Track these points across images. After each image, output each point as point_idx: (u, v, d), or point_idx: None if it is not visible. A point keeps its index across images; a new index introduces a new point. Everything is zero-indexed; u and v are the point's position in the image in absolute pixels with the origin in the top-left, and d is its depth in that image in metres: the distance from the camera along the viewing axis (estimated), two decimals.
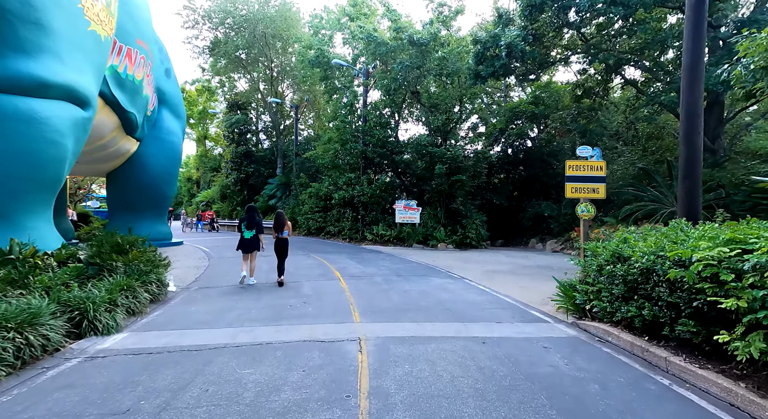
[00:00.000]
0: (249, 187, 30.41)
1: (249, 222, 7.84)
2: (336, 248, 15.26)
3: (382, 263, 11.21)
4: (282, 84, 31.29)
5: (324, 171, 21.32)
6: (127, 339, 4.50)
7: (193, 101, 39.31)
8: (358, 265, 10.73)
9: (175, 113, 15.80)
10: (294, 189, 24.55)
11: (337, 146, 19.34)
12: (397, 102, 18.36)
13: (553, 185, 18.90)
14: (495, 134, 19.87)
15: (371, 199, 17.59)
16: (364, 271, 9.69)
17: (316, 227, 20.71)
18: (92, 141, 11.61)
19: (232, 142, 29.17)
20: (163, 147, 14.77)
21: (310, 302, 6.36)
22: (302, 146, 26.88)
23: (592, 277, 5.28)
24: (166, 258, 7.27)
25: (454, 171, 16.60)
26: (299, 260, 11.33)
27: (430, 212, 17.23)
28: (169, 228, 16.19)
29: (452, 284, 8.21)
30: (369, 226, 17.85)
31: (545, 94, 19.26)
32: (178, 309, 5.84)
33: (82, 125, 7.62)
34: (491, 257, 13.43)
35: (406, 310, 6.00)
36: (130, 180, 14.18)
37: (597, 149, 6.36)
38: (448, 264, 11.28)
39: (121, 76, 11.03)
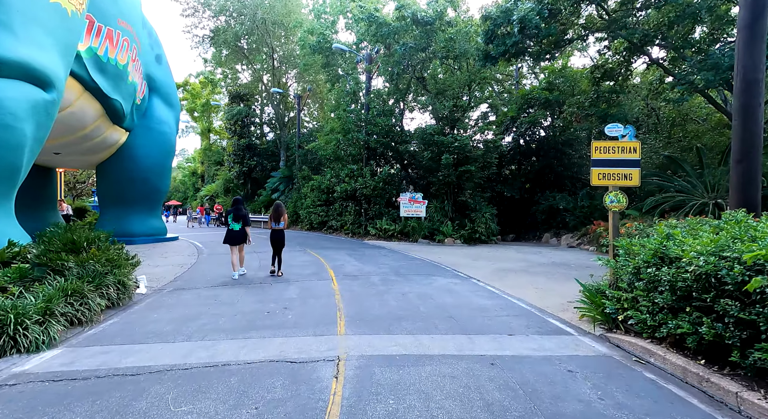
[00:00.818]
0: (252, 180, 29.78)
1: (236, 215, 7.80)
2: (336, 244, 14.43)
3: (382, 261, 10.34)
4: (286, 75, 30.42)
5: (326, 163, 20.47)
6: (57, 358, 3.71)
7: (196, 94, 38.76)
8: (356, 262, 9.87)
9: (168, 101, 15.05)
10: (297, 182, 23.79)
11: (339, 136, 18.43)
12: (402, 89, 17.34)
13: (568, 176, 17.77)
14: (506, 123, 18.73)
15: (374, 192, 16.70)
16: (362, 269, 8.82)
17: (318, 221, 19.92)
18: (74, 130, 10.95)
19: (234, 134, 28.47)
20: (154, 138, 14.04)
21: (292, 308, 5.52)
22: (305, 137, 26.05)
23: (627, 281, 4.32)
24: (134, 256, 6.49)
25: (462, 162, 15.59)
26: (294, 257, 10.53)
27: (437, 206, 16.27)
28: (163, 223, 15.54)
29: (458, 286, 7.29)
30: (372, 220, 16.98)
31: (560, 80, 18.04)
32: (137, 317, 5.05)
33: (44, 108, 6.85)
34: (502, 253, 12.45)
35: (402, 318, 5.11)
36: (120, 173, 13.50)
37: (630, 127, 5.33)
38: (455, 261, 10.36)
39: (101, 59, 10.25)
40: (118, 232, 13.90)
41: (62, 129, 10.53)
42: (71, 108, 9.97)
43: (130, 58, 11.64)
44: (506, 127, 18.77)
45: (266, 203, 26.24)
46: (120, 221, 13.79)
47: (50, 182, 14.37)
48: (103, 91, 10.51)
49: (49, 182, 14.33)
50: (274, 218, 8.10)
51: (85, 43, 9.63)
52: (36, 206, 13.58)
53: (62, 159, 12.96)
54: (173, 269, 8.75)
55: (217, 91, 38.30)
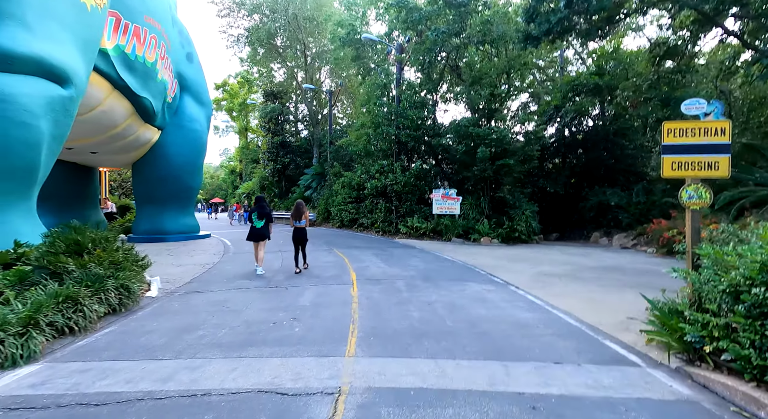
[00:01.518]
0: (286, 178, 29.99)
1: (259, 212, 7.99)
2: (364, 243, 13.84)
3: (410, 262, 9.59)
4: (319, 72, 30.30)
5: (357, 159, 19.95)
6: (30, 376, 3.32)
7: (234, 93, 39.75)
8: (382, 264, 9.19)
9: (199, 99, 15.12)
10: (328, 179, 23.52)
11: (370, 131, 17.81)
12: (434, 79, 16.37)
13: (620, 170, 16.04)
14: (549, 113, 17.24)
15: (405, 188, 15.94)
16: (386, 272, 8.13)
17: (348, 219, 19.47)
18: (106, 129, 11.08)
19: (268, 132, 28.74)
20: (186, 136, 14.12)
21: (302, 318, 4.93)
22: (337, 134, 25.74)
23: (718, 302, 3.30)
24: (144, 258, 6.19)
25: (499, 155, 14.43)
26: (318, 257, 10.03)
27: (472, 202, 15.23)
28: (196, 221, 15.69)
29: (493, 293, 6.40)
30: (403, 218, 16.24)
31: (612, 63, 16.27)
32: (135, 326, 4.67)
33: (61, 104, 6.73)
34: (545, 254, 11.27)
35: (424, 335, 4.37)
36: (153, 171, 13.70)
37: (716, 102, 4.21)
38: (491, 264, 9.40)
39: (129, 57, 10.25)
40: (152, 229, 14.24)
41: (94, 128, 10.70)
42: (101, 107, 10.04)
43: (158, 56, 11.63)
44: (549, 117, 17.27)
45: None
46: (154, 218, 14.05)
47: (91, 181, 14.90)
48: (132, 90, 10.52)
49: (91, 180, 14.86)
50: (295, 217, 8.22)
51: (112, 40, 9.62)
52: (78, 204, 14.10)
53: (99, 158, 13.32)
54: (194, 269, 8.51)
55: (253, 90, 39.06)
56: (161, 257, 10.08)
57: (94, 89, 9.47)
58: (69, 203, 13.73)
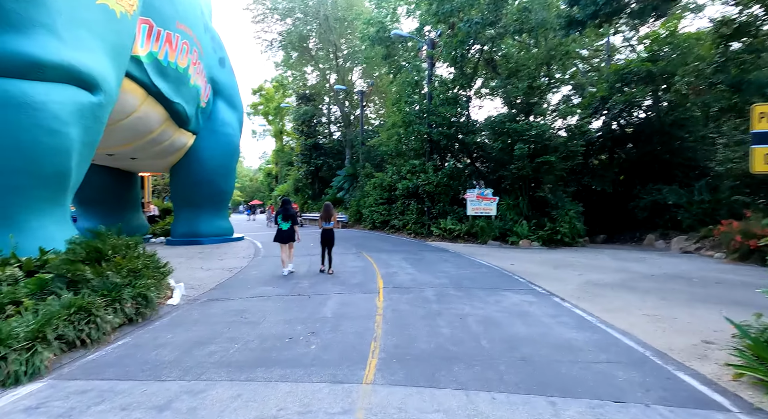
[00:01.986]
0: (319, 180, 30.16)
1: (284, 214, 8.17)
2: (395, 246, 13.37)
3: (442, 268, 9.00)
4: (350, 73, 30.24)
5: (388, 159, 19.54)
6: (29, 397, 3.14)
7: (270, 97, 40.70)
8: (411, 270, 8.67)
9: (231, 104, 15.31)
10: (360, 180, 23.28)
11: (401, 130, 17.34)
12: (467, 74, 15.60)
13: (678, 165, 14.49)
14: (594, 105, 15.92)
15: (438, 188, 15.30)
16: (416, 279, 7.61)
17: (380, 220, 19.08)
18: (143, 135, 11.35)
19: (301, 134, 29.03)
20: (219, 140, 14.32)
21: (320, 333, 4.54)
22: (369, 134, 25.48)
23: None
24: (165, 265, 6.06)
25: (539, 152, 13.46)
26: (345, 261, 9.69)
27: (510, 203, 14.33)
28: (230, 223, 15.91)
29: (534, 306, 5.71)
30: (435, 219, 15.61)
31: (667, 48, 14.73)
32: (149, 338, 4.47)
33: (91, 111, 6.80)
34: (592, 259, 10.27)
35: (455, 357, 3.82)
36: (188, 175, 13.99)
37: None
38: (531, 270, 8.62)
39: (162, 63, 10.41)
40: (188, 232, 14.56)
41: (132, 134, 10.98)
42: (137, 113, 10.27)
43: (190, 62, 11.80)
44: (594, 109, 15.95)
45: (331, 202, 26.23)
46: (190, 221, 14.35)
47: (133, 186, 15.50)
48: (165, 95, 10.69)
49: (133, 185, 15.46)
50: (324, 218, 8.35)
51: (145, 48, 9.79)
52: (121, 208, 14.68)
53: (139, 163, 13.78)
54: (221, 274, 8.42)
55: (287, 94, 39.79)
56: (193, 260, 10.16)
57: (129, 96, 9.68)
58: (113, 207, 14.34)
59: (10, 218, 5.85)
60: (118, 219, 14.42)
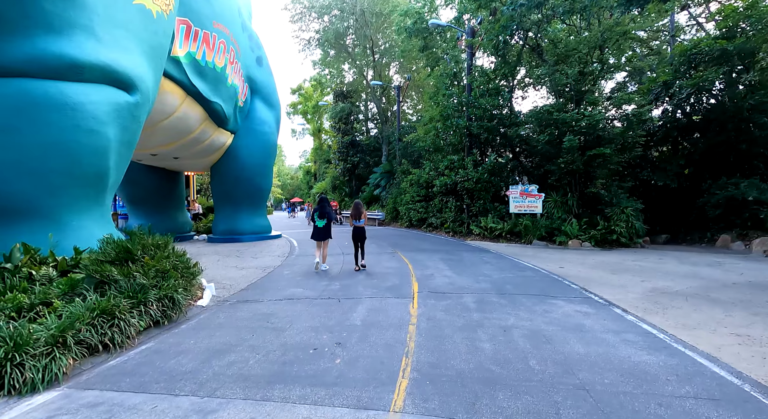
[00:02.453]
0: (356, 177, 30.09)
1: (320, 212, 8.31)
2: (432, 245, 12.80)
3: (483, 270, 8.35)
4: (388, 69, 29.83)
5: (425, 155, 18.93)
6: (39, 409, 2.99)
7: (308, 96, 41.25)
8: (449, 272, 8.11)
9: (268, 102, 15.41)
10: (397, 177, 22.85)
11: (438, 124, 16.67)
12: (510, 61, 14.61)
13: (759, 155, 12.71)
14: (655, 91, 14.35)
15: (478, 184, 14.51)
16: (454, 283, 7.05)
17: (417, 218, 18.55)
18: (183, 134, 11.60)
19: (338, 132, 29.06)
20: (256, 138, 14.46)
21: (347, 344, 4.15)
22: (405, 130, 24.95)
23: None
24: (195, 265, 5.96)
25: (591, 144, 12.31)
26: (379, 262, 9.30)
27: (557, 199, 13.27)
28: (268, 221, 16.08)
29: (592, 319, 4.98)
30: (475, 217, 14.83)
31: (747, 22, 12.89)
32: (173, 342, 4.31)
33: (128, 111, 6.87)
34: (655, 263, 9.14)
35: (498, 382, 3.28)
36: (227, 174, 14.25)
37: None
38: (584, 275, 7.76)
39: (200, 63, 10.53)
40: (228, 230, 14.86)
41: (172, 134, 11.25)
42: (177, 113, 10.47)
43: (227, 61, 11.90)
44: (655, 96, 14.36)
45: (368, 199, 26.04)
46: (230, 219, 14.64)
47: (178, 185, 16.06)
48: (203, 95, 10.83)
49: (177, 184, 16.02)
50: (354, 216, 8.46)
51: (183, 48, 9.92)
52: (166, 206, 15.26)
53: (181, 163, 14.20)
54: (254, 273, 8.32)
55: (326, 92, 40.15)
56: (230, 259, 10.22)
57: (169, 97, 9.86)
58: (159, 205, 14.94)
59: (50, 218, 6.00)
60: (163, 217, 15.10)
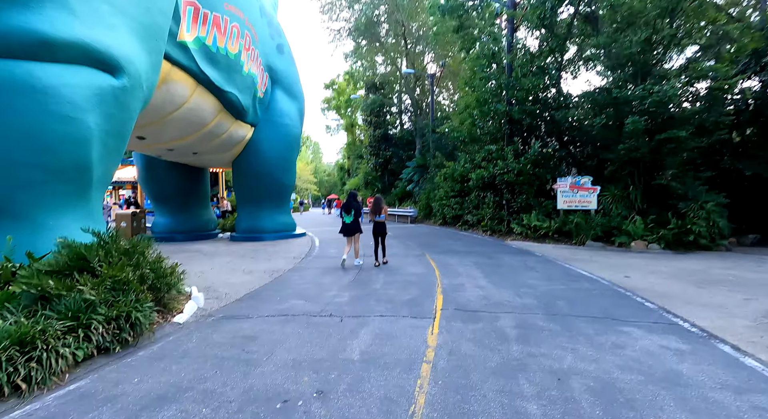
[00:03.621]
0: (389, 172, 28.91)
1: (348, 207, 8.24)
2: (466, 246, 11.33)
3: (526, 279, 6.86)
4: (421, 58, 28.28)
5: (460, 146, 17.34)
6: None
7: (341, 91, 40.57)
8: (484, 281, 6.71)
9: (290, 93, 14.56)
10: (431, 171, 21.39)
11: (475, 111, 15.06)
12: (559, 34, 12.66)
13: None
14: (743, 62, 11.86)
15: (519, 177, 12.81)
16: (489, 297, 5.66)
17: (451, 215, 17.07)
18: (197, 127, 10.94)
19: (370, 125, 28.00)
20: (277, 131, 13.66)
21: (331, 395, 2.96)
22: (439, 121, 23.37)
23: None
24: (172, 273, 5.02)
25: (661, 126, 10.27)
26: (403, 266, 8.08)
27: (617, 193, 11.32)
28: (292, 219, 15.29)
29: (689, 363, 3.44)
30: (516, 214, 13.15)
31: None
32: (111, 380, 3.34)
33: (113, 96, 6.09)
34: (755, 272, 7.17)
35: None
36: (248, 169, 13.57)
37: None
38: (660, 287, 6.07)
39: (210, 49, 9.75)
40: (250, 228, 14.18)
41: (185, 127, 10.60)
42: (188, 104, 9.77)
43: (242, 47, 11.08)
44: (743, 68, 11.88)
45: (400, 195, 24.79)
46: (252, 217, 13.99)
47: (201, 181, 15.67)
48: (215, 84, 10.06)
49: (201, 181, 15.63)
50: (374, 212, 8.40)
51: (191, 32, 9.16)
52: (190, 203, 14.89)
53: (202, 158, 13.70)
54: (260, 278, 7.38)
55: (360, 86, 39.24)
56: (242, 260, 9.42)
57: (179, 86, 9.17)
58: (182, 203, 14.60)
59: (22, 217, 5.32)
60: (187, 215, 14.75)
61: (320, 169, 74.19)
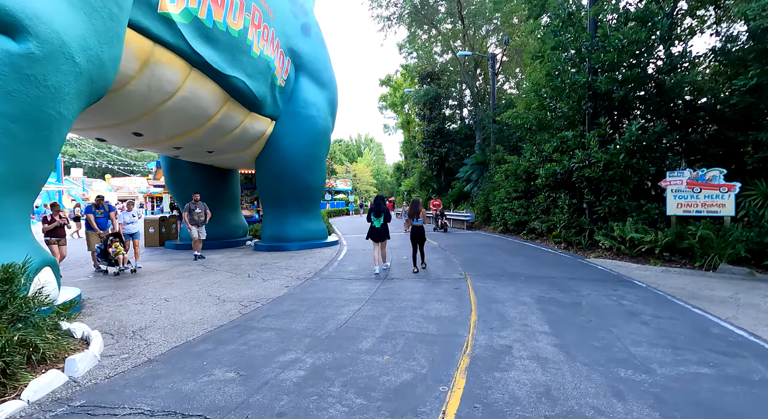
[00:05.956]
0: (446, 171, 26.00)
1: (377, 211, 7.80)
2: (530, 266, 8.30)
3: (627, 342, 3.91)
4: (482, 40, 24.99)
5: (526, 136, 14.05)
6: None
7: (398, 87, 38.47)
8: (550, 342, 3.91)
9: (318, 80, 12.70)
10: (491, 168, 18.19)
11: (545, 90, 11.79)
12: None
13: None
14: None
15: (608, 171, 9.38)
16: (555, 391, 2.91)
17: (514, 221, 13.88)
18: (200, 120, 9.39)
19: (423, 119, 25.39)
20: (300, 123, 11.86)
21: None
22: (501, 108, 19.97)
23: None
24: (51, 308, 3.11)
25: None
26: (428, 298, 5.58)
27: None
28: (322, 225, 13.40)
29: None
30: (603, 222, 9.73)
31: None
32: None
33: (11, 67, 4.51)
34: None
35: None
36: (269, 168, 11.97)
37: None
38: None
39: (204, 24, 8.15)
40: (275, 236, 12.39)
41: (185, 120, 9.12)
42: (181, 92, 8.26)
43: (249, 24, 9.38)
44: None
45: (456, 197, 21.84)
46: (276, 224, 12.38)
47: (230, 184, 14.49)
48: (214, 67, 8.46)
49: (229, 183, 14.45)
50: (412, 215, 8.02)
51: (177, 2, 7.59)
52: (218, 207, 13.68)
53: (219, 158, 12.39)
54: (223, 314, 5.41)
55: (416, 82, 36.78)
56: (234, 280, 7.61)
57: (166, 70, 7.66)
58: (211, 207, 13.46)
59: None
60: (214, 221, 13.55)
61: (382, 171, 73.06)
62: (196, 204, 10.74)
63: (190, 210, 10.63)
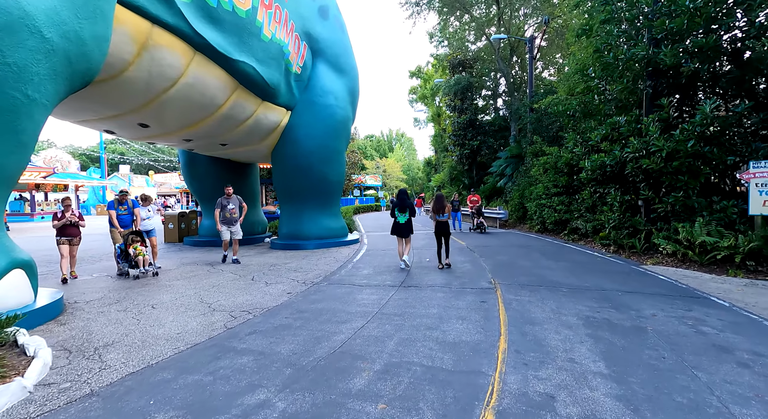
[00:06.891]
0: (477, 165, 24.55)
1: (401, 206, 7.75)
2: (573, 274, 7.02)
3: (714, 380, 2.72)
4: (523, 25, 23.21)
5: (568, 124, 12.51)
6: None
7: (429, 78, 37.09)
8: (609, 390, 2.78)
9: (337, 67, 11.84)
10: (527, 162, 16.67)
11: (593, 69, 10.28)
12: None
13: None
14: None
15: (670, 162, 7.85)
16: None
17: (553, 220, 12.44)
18: (207, 109, 8.75)
19: (454, 111, 24.00)
20: (317, 113, 11.07)
21: None
22: (539, 95, 18.27)
23: None
24: None
25: None
26: (447, 315, 4.58)
27: None
28: (342, 222, 12.59)
29: None
30: (664, 221, 8.21)
31: None
32: None
33: None
34: None
35: None
36: (285, 161, 11.29)
37: None
38: None
39: (208, 3, 7.47)
40: (291, 234, 11.63)
41: (192, 109, 8.53)
42: (184, 78, 7.65)
43: (259, 3, 8.64)
44: None
45: (488, 192, 20.40)
46: (293, 220, 11.71)
47: (249, 179, 14.01)
48: (219, 51, 7.78)
49: (248, 178, 13.97)
50: (436, 211, 7.89)
51: None
52: None
53: (234, 151, 11.84)
54: (206, 327, 4.68)
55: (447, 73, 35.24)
56: (235, 284, 6.93)
57: (167, 54, 7.05)
58: None
59: None
60: None
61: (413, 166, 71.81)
62: (228, 199, 9.00)
63: (222, 206, 8.93)
